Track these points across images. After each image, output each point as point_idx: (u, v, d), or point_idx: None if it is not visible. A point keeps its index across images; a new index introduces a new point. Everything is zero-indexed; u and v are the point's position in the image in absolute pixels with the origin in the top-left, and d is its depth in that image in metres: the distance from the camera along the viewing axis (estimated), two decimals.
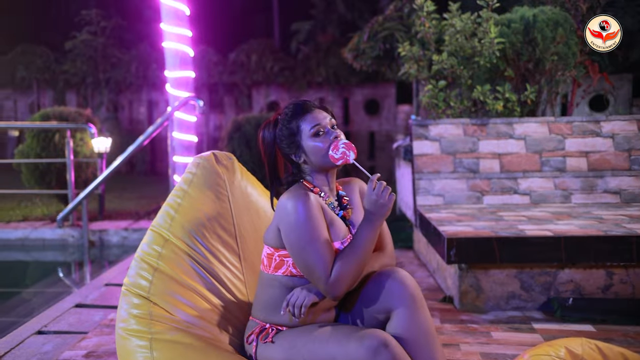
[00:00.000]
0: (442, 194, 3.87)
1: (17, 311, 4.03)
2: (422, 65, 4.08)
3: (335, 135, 1.82)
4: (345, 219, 1.90)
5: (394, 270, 1.79)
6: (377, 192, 1.75)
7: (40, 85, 13.20)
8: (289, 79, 11.82)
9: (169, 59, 6.27)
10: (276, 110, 2.01)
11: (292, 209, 1.75)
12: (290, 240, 1.76)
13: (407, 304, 1.72)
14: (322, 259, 1.72)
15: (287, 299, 1.79)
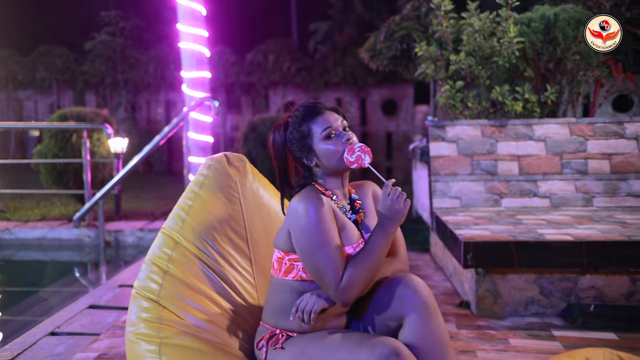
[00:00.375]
0: (459, 196, 3.80)
1: (33, 310, 4.04)
2: (439, 65, 4.01)
3: (347, 138, 1.78)
4: (358, 223, 1.85)
5: (406, 277, 1.74)
6: (392, 197, 1.70)
7: (60, 85, 13.33)
8: (306, 79, 11.79)
9: (185, 60, 6.27)
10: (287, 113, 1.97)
11: (303, 213, 1.71)
12: (300, 244, 1.72)
13: (420, 311, 1.67)
14: (332, 264, 1.68)
15: (297, 305, 1.75)
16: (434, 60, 4.07)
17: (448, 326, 2.90)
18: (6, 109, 13.75)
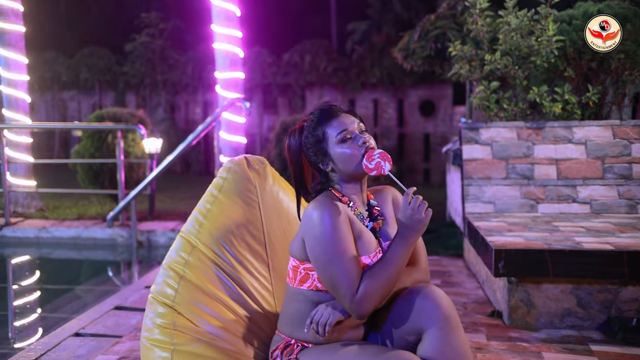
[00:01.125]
0: (493, 201, 3.66)
1: (65, 308, 4.09)
2: (474, 65, 3.87)
3: (363, 141, 1.70)
4: (376, 231, 1.77)
5: (426, 287, 1.64)
6: (412, 206, 1.62)
7: (103, 86, 13.61)
8: (343, 80, 11.70)
9: (219, 60, 6.28)
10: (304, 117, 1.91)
11: (318, 220, 1.64)
12: (314, 253, 1.65)
13: (440, 325, 1.58)
14: (347, 275, 1.60)
15: (311, 316, 1.68)
16: (468, 60, 3.93)
17: (478, 337, 2.79)
18: (51, 109, 14.12)
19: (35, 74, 13.60)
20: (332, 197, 1.74)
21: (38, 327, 3.79)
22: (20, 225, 5.81)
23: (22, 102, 6.88)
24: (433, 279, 3.85)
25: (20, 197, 6.76)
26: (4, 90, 6.84)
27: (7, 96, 6.83)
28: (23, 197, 6.76)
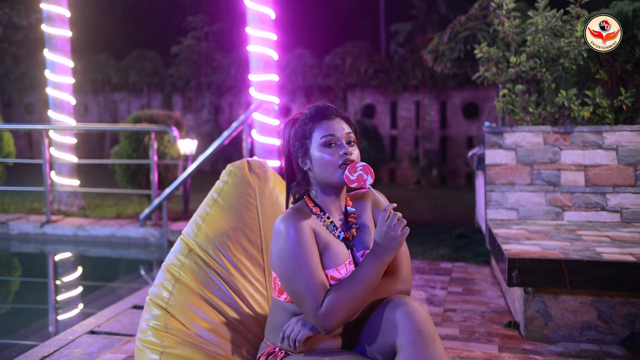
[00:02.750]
0: (516, 207, 3.55)
1: (91, 305, 4.22)
2: (501, 67, 3.77)
3: (345, 152, 1.66)
4: (349, 240, 1.73)
5: (400, 299, 1.59)
6: (389, 223, 1.57)
7: (151, 88, 13.96)
8: (384, 82, 11.61)
9: (254, 63, 6.34)
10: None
11: (282, 234, 1.63)
12: (278, 267, 1.65)
13: (413, 339, 1.52)
14: (310, 289, 1.58)
15: (283, 330, 1.67)
16: (495, 63, 3.83)
17: (490, 347, 2.71)
18: (103, 110, 14.58)
19: (88, 76, 14.09)
20: (302, 208, 1.72)
21: (60, 322, 3.93)
22: (60, 223, 6.02)
23: (66, 104, 7.13)
24: (455, 286, 3.77)
25: (63, 196, 7.01)
26: (50, 92, 7.11)
27: (52, 98, 7.09)
28: (66, 195, 7.00)
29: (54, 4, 7.05)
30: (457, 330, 2.96)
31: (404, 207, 8.15)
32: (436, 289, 3.69)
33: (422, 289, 3.70)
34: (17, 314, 4.29)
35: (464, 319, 3.12)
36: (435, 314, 3.20)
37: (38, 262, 5.76)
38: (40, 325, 3.87)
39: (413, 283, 3.82)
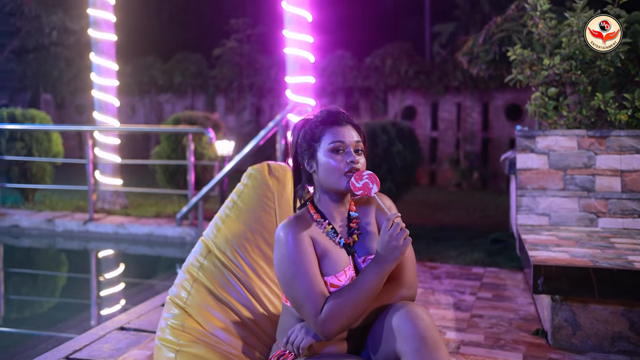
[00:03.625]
0: (548, 213, 3.47)
1: (126, 301, 4.35)
2: (535, 70, 3.69)
3: (352, 160, 1.67)
4: (349, 246, 1.74)
5: (404, 306, 1.59)
6: (391, 232, 1.58)
7: (195, 89, 14.22)
8: (425, 83, 11.49)
9: (290, 65, 6.39)
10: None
11: (282, 241, 1.67)
12: (278, 274, 1.68)
13: (416, 347, 1.51)
14: (307, 296, 1.60)
15: (287, 336, 1.70)
16: (529, 65, 3.75)
17: (514, 355, 2.67)
18: (149, 111, 14.94)
19: (135, 78, 14.48)
20: (303, 216, 1.74)
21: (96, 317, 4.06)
22: (102, 221, 6.22)
23: (111, 106, 7.35)
24: (485, 292, 3.72)
25: (107, 195, 7.23)
26: (95, 94, 7.35)
27: (98, 100, 7.33)
28: (109, 194, 7.22)
29: (101, 9, 7.28)
30: (482, 336, 2.92)
31: (441, 210, 8.05)
32: (465, 294, 3.65)
33: (451, 293, 3.67)
34: (59, 308, 4.47)
35: (491, 326, 3.08)
36: (461, 320, 3.17)
37: (79, 259, 5.98)
38: (79, 318, 4.01)
39: (442, 287, 3.80)
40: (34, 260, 5.88)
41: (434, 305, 3.43)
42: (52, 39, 14.41)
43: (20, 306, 4.44)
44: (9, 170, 7.54)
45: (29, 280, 5.15)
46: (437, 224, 6.82)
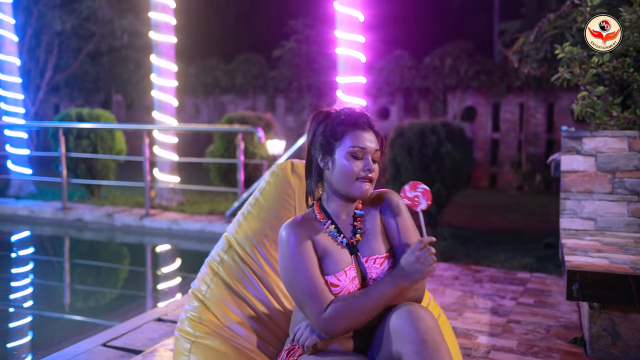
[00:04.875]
0: (594, 217, 3.32)
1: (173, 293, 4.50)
2: (585, 68, 3.53)
3: (368, 168, 1.66)
4: (352, 246, 1.72)
5: (407, 308, 1.57)
6: (419, 254, 1.56)
7: (256, 90, 14.49)
8: (485, 83, 11.22)
9: (341, 65, 6.41)
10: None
11: (282, 241, 1.69)
12: (281, 273, 1.70)
13: (416, 349, 1.49)
14: (309, 295, 1.62)
15: (294, 332, 1.71)
16: (579, 63, 3.60)
17: None
18: (212, 111, 15.34)
19: (199, 79, 14.90)
20: (308, 215, 1.75)
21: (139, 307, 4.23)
22: (158, 217, 6.44)
23: (169, 106, 7.60)
24: (527, 297, 3.60)
25: (164, 192, 7.48)
26: (154, 95, 7.62)
27: (157, 100, 7.59)
28: (167, 191, 7.47)
29: (161, 12, 7.54)
30: (515, 342, 2.83)
31: (497, 214, 7.84)
32: (505, 299, 3.55)
33: (490, 298, 3.57)
34: (109, 297, 4.68)
35: (526, 332, 2.98)
36: (496, 324, 3.09)
37: (132, 252, 6.24)
38: (125, 308, 4.19)
39: (482, 291, 3.71)
40: (91, 253, 6.18)
41: (470, 308, 3.36)
42: (123, 42, 15.00)
43: (75, 295, 4.68)
44: (76, 167, 7.95)
45: (85, 271, 5.42)
46: (490, 228, 6.66)
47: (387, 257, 1.73)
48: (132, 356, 2.63)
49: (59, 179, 7.24)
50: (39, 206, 7.18)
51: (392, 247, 1.75)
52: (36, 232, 6.86)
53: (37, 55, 13.71)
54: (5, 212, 7.23)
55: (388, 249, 1.75)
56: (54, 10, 13.31)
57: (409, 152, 5.63)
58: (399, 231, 1.75)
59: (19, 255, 5.97)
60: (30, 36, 13.25)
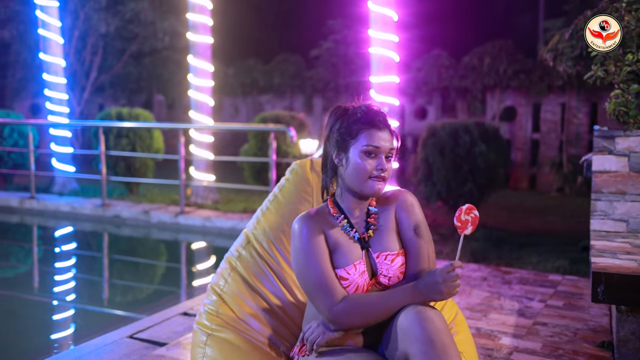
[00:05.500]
0: (626, 219, 3.23)
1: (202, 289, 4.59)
2: (619, 66, 3.43)
3: (381, 167, 1.67)
4: (364, 241, 1.73)
5: (416, 308, 1.56)
6: (445, 277, 1.55)
7: (294, 90, 14.58)
8: (525, 83, 11.00)
9: (374, 65, 6.39)
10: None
11: (295, 234, 1.72)
12: (293, 265, 1.73)
13: (424, 350, 1.49)
14: (320, 287, 1.64)
15: (304, 331, 1.72)
16: (615, 61, 3.50)
17: None
18: (251, 111, 15.52)
19: (238, 79, 15.09)
20: (321, 209, 1.77)
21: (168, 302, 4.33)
22: (192, 215, 6.56)
23: (205, 105, 7.73)
24: (556, 300, 3.53)
25: (200, 190, 7.61)
26: (191, 94, 7.76)
27: (194, 100, 7.73)
28: (202, 189, 7.60)
29: (199, 14, 7.68)
30: (539, 344, 2.78)
31: (535, 216, 7.69)
32: (533, 301, 3.48)
33: (518, 299, 3.51)
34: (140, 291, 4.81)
35: (552, 334, 2.92)
36: (521, 326, 3.04)
37: (166, 248, 6.39)
38: (155, 303, 4.29)
39: (510, 293, 3.65)
40: (127, 248, 6.35)
41: (496, 310, 3.31)
42: (165, 43, 15.30)
43: (108, 288, 4.82)
44: (116, 165, 8.16)
45: (119, 266, 5.57)
46: (527, 229, 6.53)
47: (399, 254, 1.73)
48: (156, 348, 2.70)
49: (99, 176, 7.45)
50: (79, 203, 7.41)
51: (404, 245, 1.75)
52: (76, 228, 7.09)
53: (83, 57, 14.12)
54: (49, 208, 7.49)
55: (400, 247, 1.75)
56: (99, 13, 13.68)
57: (442, 152, 5.58)
58: (412, 231, 1.75)
59: (58, 250, 6.18)
60: (77, 38, 13.66)
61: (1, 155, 9.03)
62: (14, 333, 3.61)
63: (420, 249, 1.73)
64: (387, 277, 1.71)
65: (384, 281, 1.72)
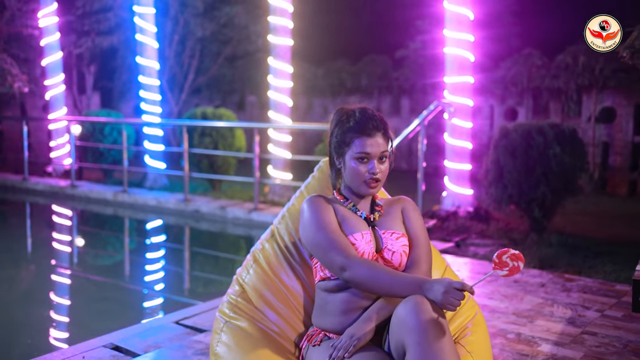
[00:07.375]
0: None
1: None
2: None
3: (373, 171, 1.81)
4: (370, 220, 1.87)
5: (412, 299, 1.60)
6: (452, 292, 1.56)
7: (381, 91, 14.56)
8: (624, 82, 10.30)
9: (448, 65, 6.31)
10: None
11: (303, 209, 1.88)
12: (306, 237, 1.85)
13: (418, 340, 1.53)
14: (331, 245, 1.75)
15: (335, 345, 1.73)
16: None
17: None
18: None
19: (327, 81, 15.29)
20: (330, 198, 1.94)
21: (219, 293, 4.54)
22: (264, 211, 6.79)
23: (284, 106, 7.94)
24: (617, 310, 3.34)
25: (277, 188, 7.84)
26: (270, 95, 8.00)
27: (273, 100, 7.97)
28: (279, 187, 7.82)
29: (280, 17, 7.90)
30: (580, 354, 2.66)
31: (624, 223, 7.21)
32: (589, 310, 3.31)
33: (572, 307, 3.36)
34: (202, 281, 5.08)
35: (599, 345, 2.78)
36: (567, 334, 2.91)
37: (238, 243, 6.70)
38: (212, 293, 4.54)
39: (566, 300, 3.51)
40: (202, 241, 6.70)
41: (545, 316, 3.18)
42: (258, 46, 15.79)
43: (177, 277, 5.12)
44: (199, 162, 8.58)
45: (192, 257, 5.90)
46: (609, 237, 6.15)
47: (403, 235, 1.85)
48: (196, 334, 2.86)
49: (183, 172, 7.87)
50: (165, 197, 7.86)
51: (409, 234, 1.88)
52: (159, 221, 7.54)
53: (182, 60, 14.92)
54: (138, 202, 8.01)
55: (405, 233, 1.88)
56: (197, 18, 14.39)
57: (513, 154, 5.40)
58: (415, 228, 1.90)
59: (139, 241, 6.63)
60: (176, 42, 14.46)
61: (102, 152, 9.75)
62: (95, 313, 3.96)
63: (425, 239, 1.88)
64: (391, 251, 1.80)
65: (387, 256, 1.80)
